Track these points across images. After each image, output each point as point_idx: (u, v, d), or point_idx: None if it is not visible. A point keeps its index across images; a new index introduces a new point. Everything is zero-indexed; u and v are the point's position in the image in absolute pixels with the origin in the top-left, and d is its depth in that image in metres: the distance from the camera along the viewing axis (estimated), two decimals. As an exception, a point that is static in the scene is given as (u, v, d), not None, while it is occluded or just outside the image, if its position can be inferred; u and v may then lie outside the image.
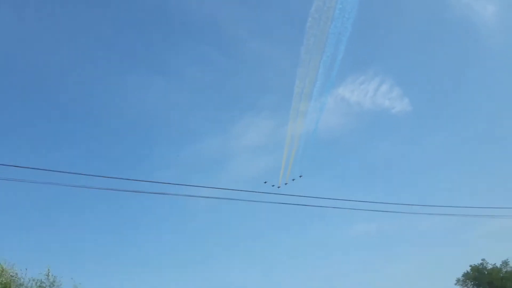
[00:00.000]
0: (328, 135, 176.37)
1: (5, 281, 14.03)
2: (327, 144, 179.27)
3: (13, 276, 14.74)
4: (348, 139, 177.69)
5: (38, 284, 15.12)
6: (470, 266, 71.33)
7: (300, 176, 77.56)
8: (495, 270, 68.50)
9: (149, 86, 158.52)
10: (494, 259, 78.41)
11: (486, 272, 68.98)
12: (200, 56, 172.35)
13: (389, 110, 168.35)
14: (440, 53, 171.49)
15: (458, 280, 71.85)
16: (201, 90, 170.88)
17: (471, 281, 70.32)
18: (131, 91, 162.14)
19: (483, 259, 70.44)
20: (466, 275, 71.06)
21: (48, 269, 15.15)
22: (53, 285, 15.08)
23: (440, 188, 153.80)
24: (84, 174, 13.53)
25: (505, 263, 68.77)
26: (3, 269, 14.57)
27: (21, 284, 14.73)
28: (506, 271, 67.95)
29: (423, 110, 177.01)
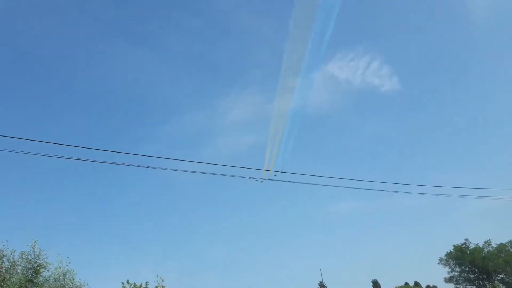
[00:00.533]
0: (316, 112, 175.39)
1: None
2: (315, 122, 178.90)
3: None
4: (336, 117, 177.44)
5: (23, 256, 14.29)
6: (453, 245, 73.25)
7: (282, 172, 79.67)
8: (478, 249, 70.41)
9: (131, 57, 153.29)
10: (478, 239, 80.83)
11: (468, 252, 70.94)
12: (184, 26, 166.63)
13: (378, 89, 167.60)
14: (432, 32, 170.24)
15: (441, 259, 73.93)
16: (186, 63, 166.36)
17: (453, 261, 72.35)
18: (112, 62, 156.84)
19: (466, 239, 72.39)
20: (449, 255, 73.04)
21: (35, 241, 14.30)
22: (39, 258, 14.26)
23: (426, 167, 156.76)
24: (68, 145, 12.43)
25: (488, 243, 70.70)
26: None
27: (2, 256, 13.86)
28: (488, 251, 69.96)
29: (412, 89, 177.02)
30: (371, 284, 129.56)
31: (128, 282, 24.38)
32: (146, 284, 24.64)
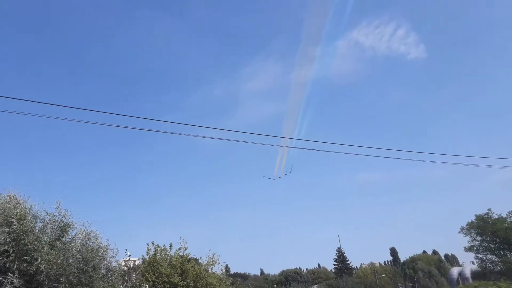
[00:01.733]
0: (340, 80, 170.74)
1: (20, 213, 13.82)
2: (339, 90, 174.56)
3: (27, 208, 14.51)
4: (360, 85, 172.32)
5: (50, 216, 14.95)
6: (475, 215, 72.19)
7: (291, 172, 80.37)
8: (500, 220, 69.17)
9: (158, 25, 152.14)
10: (501, 210, 79.25)
11: (490, 222, 69.84)
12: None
13: (404, 56, 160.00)
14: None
15: (462, 229, 73.25)
16: (210, 31, 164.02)
17: (475, 230, 71.58)
18: (139, 28, 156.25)
19: (489, 209, 71.10)
20: (470, 224, 72.21)
21: (59, 202, 14.90)
22: (65, 218, 14.91)
23: (451, 138, 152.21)
24: (94, 111, 12.53)
25: (511, 213, 69.26)
26: (17, 201, 14.32)
27: (36, 216, 14.56)
28: (511, 222, 68.65)
29: (439, 58, 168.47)
30: (389, 251, 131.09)
31: (153, 244, 25.50)
32: (171, 245, 25.65)
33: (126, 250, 25.17)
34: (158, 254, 25.03)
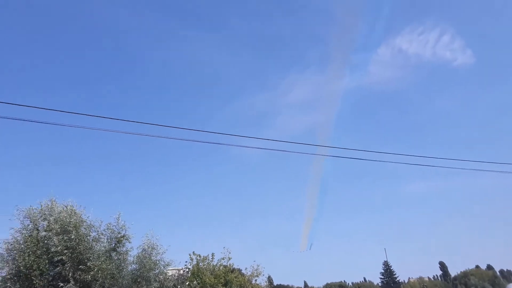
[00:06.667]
0: (384, 89, 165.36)
1: (75, 222, 14.22)
2: (382, 98, 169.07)
3: (82, 218, 14.96)
4: (404, 93, 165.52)
5: (109, 226, 15.29)
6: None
7: (311, 244, 79.23)
8: None
9: (196, 37, 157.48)
10: None
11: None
12: (244, 4, 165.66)
13: (450, 63, 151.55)
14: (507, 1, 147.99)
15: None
16: (248, 42, 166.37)
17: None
18: (182, 46, 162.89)
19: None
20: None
21: (119, 213, 15.20)
22: (123, 229, 15.15)
23: (500, 145, 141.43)
24: (143, 123, 12.67)
25: None
26: (73, 210, 14.79)
27: (91, 226, 14.95)
28: None
29: (487, 63, 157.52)
30: (438, 265, 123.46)
31: (194, 254, 25.32)
32: (213, 255, 25.35)
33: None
34: (200, 263, 24.86)
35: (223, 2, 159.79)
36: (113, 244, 15.09)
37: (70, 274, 13.64)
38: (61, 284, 13.24)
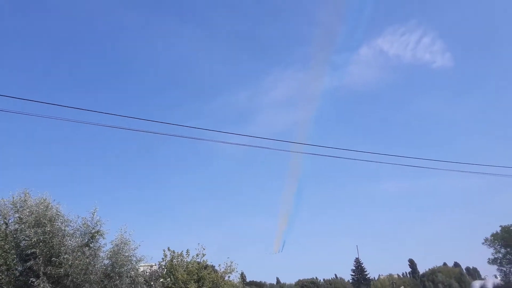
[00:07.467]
0: (363, 88, 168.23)
1: (50, 215, 14.30)
2: (361, 98, 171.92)
3: (58, 211, 15.00)
4: (384, 94, 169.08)
5: (84, 221, 15.33)
6: (501, 226, 69.67)
7: (284, 243, 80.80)
8: (527, 232, 66.51)
9: (180, 35, 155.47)
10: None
11: (516, 234, 67.23)
12: (229, 4, 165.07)
13: (429, 65, 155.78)
14: (488, 6, 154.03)
15: (486, 240, 70.77)
16: (232, 40, 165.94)
17: (499, 242, 69.06)
18: (161, 39, 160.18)
19: (515, 220, 68.22)
20: (495, 236, 69.70)
21: (95, 208, 15.22)
22: (97, 225, 15.24)
23: (476, 148, 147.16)
24: (123, 116, 12.96)
25: (539, 225, 66.48)
26: (48, 205, 14.80)
27: (67, 220, 15.01)
28: (538, 234, 65.89)
29: (465, 66, 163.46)
30: (407, 262, 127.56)
31: (169, 249, 25.48)
32: (187, 251, 25.59)
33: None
34: (174, 260, 24.99)
35: (208, 0, 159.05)
36: (87, 240, 15.14)
37: (41, 269, 13.62)
38: (32, 279, 13.26)
